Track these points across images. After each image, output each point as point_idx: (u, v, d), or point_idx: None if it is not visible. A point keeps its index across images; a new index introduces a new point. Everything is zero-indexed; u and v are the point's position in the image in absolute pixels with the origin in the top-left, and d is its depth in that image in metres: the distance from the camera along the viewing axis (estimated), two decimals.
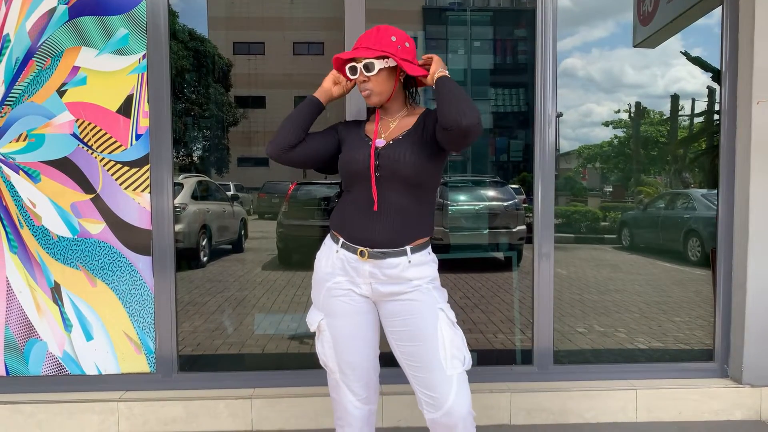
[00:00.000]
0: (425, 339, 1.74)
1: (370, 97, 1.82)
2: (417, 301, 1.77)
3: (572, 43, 3.94)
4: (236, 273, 4.22)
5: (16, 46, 2.69)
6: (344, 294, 1.83)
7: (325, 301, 1.86)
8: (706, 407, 2.84)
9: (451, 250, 4.14)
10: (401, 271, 1.77)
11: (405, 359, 1.80)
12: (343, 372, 1.86)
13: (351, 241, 1.80)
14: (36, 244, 2.75)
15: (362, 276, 1.80)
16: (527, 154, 3.00)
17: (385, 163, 1.75)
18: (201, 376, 2.88)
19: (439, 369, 1.72)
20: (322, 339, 1.88)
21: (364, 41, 1.80)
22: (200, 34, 4.08)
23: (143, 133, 2.74)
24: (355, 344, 1.84)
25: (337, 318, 1.84)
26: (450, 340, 1.74)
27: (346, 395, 1.89)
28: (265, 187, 4.53)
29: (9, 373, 2.80)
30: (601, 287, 4.11)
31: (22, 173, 2.73)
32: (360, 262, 1.79)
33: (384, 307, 1.83)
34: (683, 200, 4.30)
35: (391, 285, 1.78)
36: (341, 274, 1.83)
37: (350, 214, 1.82)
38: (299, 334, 3.48)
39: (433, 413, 1.74)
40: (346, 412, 1.90)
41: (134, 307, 2.80)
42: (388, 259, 1.76)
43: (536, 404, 2.81)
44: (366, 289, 1.82)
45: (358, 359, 1.85)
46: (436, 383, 1.72)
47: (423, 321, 1.75)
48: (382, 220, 1.76)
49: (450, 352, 1.73)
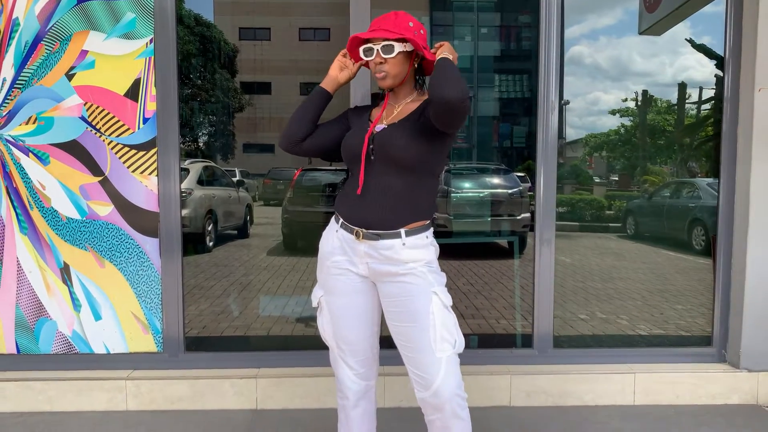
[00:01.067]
0: (417, 320, 1.77)
1: (385, 79, 1.83)
2: (411, 284, 1.79)
3: (580, 31, 3.92)
4: (242, 258, 4.27)
5: (26, 30, 2.72)
6: (342, 273, 1.88)
7: (325, 279, 1.92)
8: (703, 391, 2.87)
9: (455, 237, 4.17)
10: (395, 252, 1.79)
11: (398, 339, 1.85)
12: (340, 348, 1.94)
13: (348, 222, 1.86)
14: (46, 225, 2.80)
15: (359, 255, 1.84)
16: (531, 141, 3.02)
17: (378, 146, 1.79)
18: (207, 356, 2.93)
19: (428, 350, 1.75)
20: (322, 315, 1.96)
21: (382, 23, 1.82)
22: (206, 19, 4.09)
23: (150, 117, 2.78)
24: (352, 322, 1.90)
25: (335, 296, 1.90)
26: (441, 323, 1.76)
27: (343, 369, 1.97)
28: (270, 173, 4.55)
29: (20, 351, 2.87)
30: (604, 275, 4.12)
31: (32, 155, 2.77)
32: (356, 243, 1.84)
33: (382, 288, 1.87)
34: (688, 189, 4.29)
35: (386, 265, 1.81)
36: (340, 253, 1.88)
37: (347, 196, 1.89)
38: (304, 316, 3.53)
39: (422, 392, 1.80)
40: (344, 385, 1.98)
41: (142, 288, 2.86)
42: (382, 241, 1.80)
43: (536, 386, 2.85)
44: (363, 268, 1.86)
45: (354, 336, 1.91)
46: (426, 364, 1.76)
47: (415, 303, 1.78)
48: (375, 203, 1.79)
49: (440, 335, 1.75)
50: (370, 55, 1.83)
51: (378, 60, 1.81)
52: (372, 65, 1.86)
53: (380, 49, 1.79)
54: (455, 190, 4.35)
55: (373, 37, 1.81)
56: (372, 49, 1.82)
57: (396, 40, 1.79)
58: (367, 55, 1.85)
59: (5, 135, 2.76)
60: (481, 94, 4.37)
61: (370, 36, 1.81)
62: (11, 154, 2.77)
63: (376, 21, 1.85)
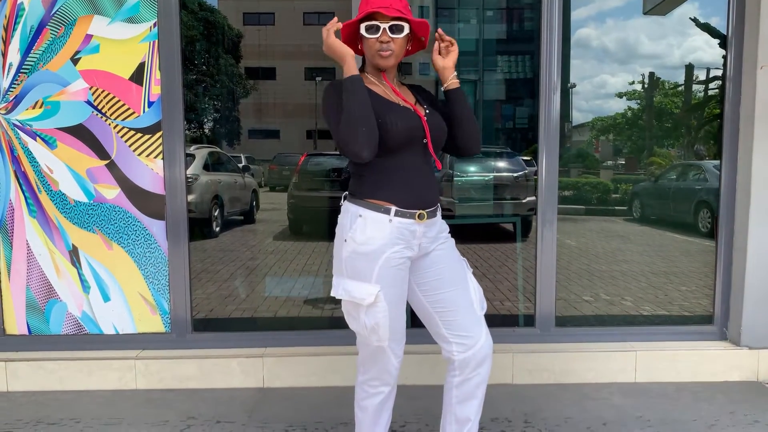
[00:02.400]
0: (458, 284, 1.89)
1: (389, 58, 1.81)
2: (448, 251, 1.92)
3: (587, 12, 3.90)
4: (248, 242, 4.31)
5: (31, 14, 2.75)
6: (402, 262, 1.83)
7: (382, 272, 1.81)
8: (704, 368, 2.89)
9: (456, 219, 4.18)
10: (440, 225, 1.92)
11: (438, 307, 1.89)
12: (393, 339, 1.86)
13: (407, 207, 1.81)
14: (54, 208, 2.85)
15: (417, 238, 1.84)
16: (534, 122, 3.02)
17: (434, 130, 1.84)
18: (214, 336, 2.98)
19: (471, 310, 1.88)
20: (375, 311, 1.81)
21: (394, 3, 1.78)
22: (210, 4, 4.10)
23: (155, 101, 2.81)
24: (402, 309, 1.89)
25: (394, 286, 1.83)
26: (476, 285, 1.92)
27: (390, 359, 1.89)
28: (275, 158, 4.57)
29: (31, 332, 2.93)
30: (609, 258, 4.13)
31: (39, 140, 2.81)
32: (415, 225, 1.82)
33: (419, 262, 1.90)
34: (695, 172, 4.28)
35: (434, 241, 1.90)
36: (399, 242, 1.81)
37: (402, 180, 1.82)
38: (310, 298, 3.57)
39: (465, 353, 1.86)
40: (388, 374, 1.92)
41: (149, 270, 2.90)
42: (436, 216, 1.90)
43: (538, 365, 2.88)
44: (416, 250, 1.86)
45: (402, 323, 1.89)
46: (470, 323, 1.87)
47: (456, 267, 1.90)
48: (428, 184, 1.87)
49: (478, 296, 1.91)
50: (374, 32, 1.78)
51: (385, 38, 1.78)
52: (375, 43, 1.80)
53: (388, 27, 1.77)
54: (461, 174, 4.36)
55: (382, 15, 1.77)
56: (378, 27, 1.77)
57: (405, 21, 1.79)
58: (370, 33, 1.79)
59: (13, 119, 2.80)
60: (486, 77, 4.36)
61: (394, 14, 1.76)
62: (19, 138, 2.81)
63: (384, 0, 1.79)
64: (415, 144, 1.81)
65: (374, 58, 1.82)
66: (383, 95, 1.85)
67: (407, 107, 1.83)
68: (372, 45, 1.81)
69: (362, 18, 1.80)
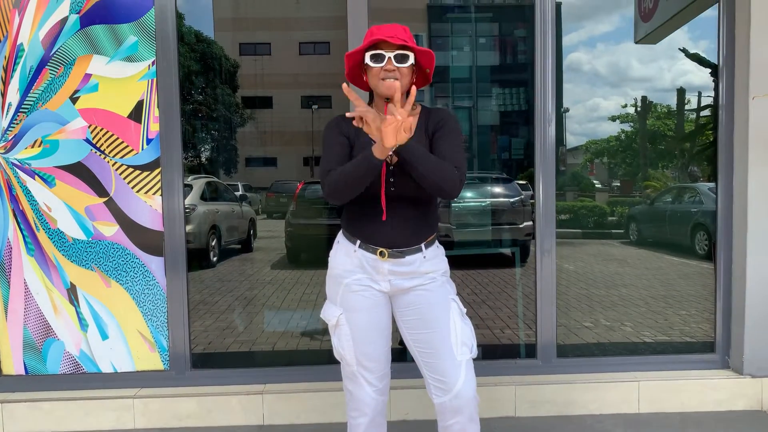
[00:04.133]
0: (438, 327, 1.85)
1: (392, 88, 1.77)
2: (432, 292, 1.88)
3: (578, 38, 3.95)
4: (246, 272, 4.29)
5: (30, 55, 2.77)
6: (364, 289, 1.89)
7: (344, 296, 1.91)
8: (708, 398, 2.88)
9: (458, 247, 4.19)
10: (418, 266, 1.88)
11: (418, 347, 1.89)
12: (361, 364, 1.92)
13: (370, 243, 1.86)
14: (52, 246, 2.84)
15: (381, 273, 1.87)
16: (530, 151, 3.04)
17: (398, 179, 1.81)
18: (213, 373, 2.95)
19: (450, 355, 1.83)
20: (340, 333, 1.93)
21: (399, 33, 1.78)
22: (207, 36, 4.13)
23: (154, 138, 2.82)
24: (373, 335, 1.91)
25: (356, 312, 1.89)
26: (461, 329, 1.86)
27: (363, 387, 1.94)
28: (273, 186, 4.58)
29: (28, 372, 2.89)
30: (608, 282, 4.13)
31: (38, 178, 2.82)
32: (379, 261, 1.86)
33: (399, 299, 1.91)
34: (690, 194, 4.30)
35: (411, 280, 1.88)
36: (360, 271, 1.89)
37: (363, 221, 1.87)
38: (309, 330, 3.55)
39: (442, 397, 1.84)
40: (362, 403, 1.96)
41: (148, 307, 2.89)
42: (407, 257, 1.86)
43: (540, 396, 2.86)
44: (385, 285, 1.89)
45: (374, 350, 1.91)
46: (447, 368, 1.83)
47: (437, 310, 1.86)
48: (396, 227, 1.84)
49: (460, 340, 1.85)
50: (380, 61, 1.77)
51: (390, 67, 1.77)
52: (379, 72, 1.78)
53: (393, 56, 1.76)
54: (456, 200, 4.37)
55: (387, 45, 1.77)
56: (383, 56, 1.77)
57: (410, 50, 1.78)
58: (376, 62, 1.78)
59: (11, 159, 2.81)
60: (481, 104, 4.40)
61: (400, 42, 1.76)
62: (17, 177, 2.82)
63: (389, 29, 1.79)
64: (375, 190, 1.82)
65: (378, 87, 1.80)
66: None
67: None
68: (377, 74, 1.79)
69: (367, 47, 1.79)
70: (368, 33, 1.84)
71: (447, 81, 4.17)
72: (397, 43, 1.76)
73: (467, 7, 4.40)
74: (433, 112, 1.91)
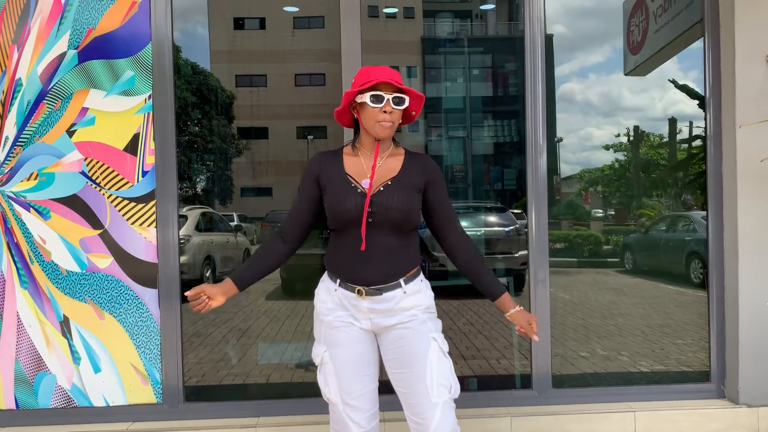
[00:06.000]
0: (414, 366, 1.84)
1: (387, 129, 1.84)
2: (411, 330, 1.87)
3: (569, 69, 4.02)
4: (240, 303, 4.26)
5: (28, 89, 2.81)
6: (345, 325, 1.90)
7: (327, 333, 1.92)
8: (704, 428, 2.86)
9: (453, 277, 4.19)
10: (397, 302, 1.87)
11: (397, 385, 1.90)
12: (346, 402, 1.89)
13: (347, 281, 1.88)
14: (46, 279, 2.84)
15: (362, 312, 1.89)
16: (523, 180, 3.07)
17: (378, 210, 1.83)
18: (206, 406, 2.92)
19: (425, 395, 1.82)
20: (325, 371, 1.93)
21: (395, 76, 1.84)
22: (203, 68, 4.19)
23: (149, 170, 2.84)
24: (357, 372, 1.90)
25: (339, 347, 1.90)
26: (437, 369, 1.83)
27: (348, 426, 1.90)
28: (268, 216, 4.58)
29: (19, 407, 2.86)
30: (604, 311, 4.12)
31: (33, 210, 2.83)
32: (358, 300, 1.87)
33: (383, 336, 1.92)
34: (684, 223, 4.33)
35: (391, 317, 1.88)
36: (341, 309, 1.91)
37: (343, 256, 1.89)
38: (303, 362, 3.52)
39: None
40: None
41: (141, 339, 2.87)
42: (385, 294, 1.86)
43: (536, 427, 2.84)
44: (366, 323, 1.90)
45: (358, 388, 1.90)
46: (422, 409, 1.81)
47: (414, 349, 1.85)
48: (375, 261, 1.85)
49: (437, 381, 1.82)
50: (378, 102, 1.81)
51: (389, 109, 1.82)
52: (378, 113, 1.83)
53: (392, 99, 1.82)
54: None
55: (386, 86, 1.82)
56: (382, 97, 1.81)
57: (406, 95, 1.85)
58: (375, 102, 1.81)
59: (7, 191, 2.82)
60: (475, 134, 4.45)
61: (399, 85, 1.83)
62: (12, 209, 2.83)
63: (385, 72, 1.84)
64: (355, 223, 1.84)
65: (374, 128, 1.84)
66: (350, 173, 1.89)
67: (355, 187, 1.86)
68: (375, 115, 1.83)
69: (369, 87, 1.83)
70: (363, 73, 1.87)
71: (440, 111, 4.23)
72: (395, 86, 1.82)
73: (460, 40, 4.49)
74: (416, 157, 1.96)
